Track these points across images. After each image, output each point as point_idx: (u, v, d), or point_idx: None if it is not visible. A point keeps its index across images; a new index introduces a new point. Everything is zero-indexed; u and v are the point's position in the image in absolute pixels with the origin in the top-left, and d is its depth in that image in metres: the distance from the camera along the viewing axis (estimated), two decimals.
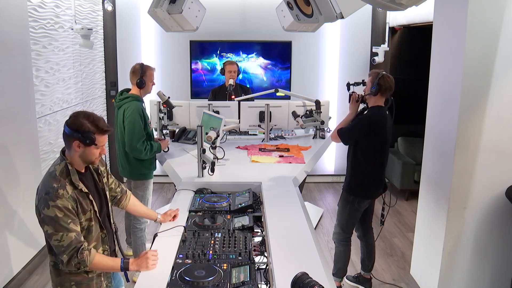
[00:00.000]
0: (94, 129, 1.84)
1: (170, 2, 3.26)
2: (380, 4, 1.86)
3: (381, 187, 3.12)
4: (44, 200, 1.77)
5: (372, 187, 3.09)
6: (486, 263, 3.00)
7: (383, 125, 2.95)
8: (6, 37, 3.15)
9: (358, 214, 3.15)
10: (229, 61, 4.47)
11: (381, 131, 2.96)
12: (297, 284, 1.42)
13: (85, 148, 1.85)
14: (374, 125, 2.95)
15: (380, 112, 2.97)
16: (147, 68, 3.27)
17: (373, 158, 3.02)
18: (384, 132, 2.96)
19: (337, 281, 3.30)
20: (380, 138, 2.98)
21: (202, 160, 2.90)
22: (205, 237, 2.11)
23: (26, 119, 3.48)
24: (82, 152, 1.86)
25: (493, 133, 2.77)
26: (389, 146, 3.10)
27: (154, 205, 4.89)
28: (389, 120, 3.01)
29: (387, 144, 3.05)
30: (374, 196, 3.16)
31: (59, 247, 1.78)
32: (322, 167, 5.86)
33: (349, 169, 3.12)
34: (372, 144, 3.00)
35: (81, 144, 1.84)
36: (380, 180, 3.11)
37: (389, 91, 2.95)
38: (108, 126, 1.89)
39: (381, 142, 2.99)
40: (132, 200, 2.30)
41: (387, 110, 3.01)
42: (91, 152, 1.87)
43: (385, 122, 2.96)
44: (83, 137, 1.82)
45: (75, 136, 1.82)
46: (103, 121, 1.89)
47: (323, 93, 5.61)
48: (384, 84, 2.90)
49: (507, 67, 2.69)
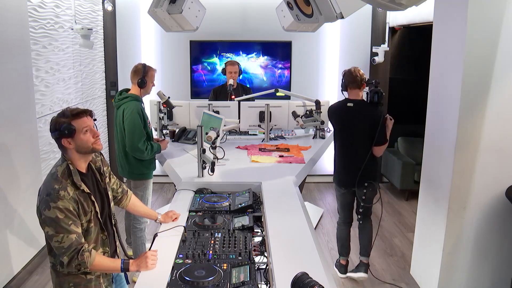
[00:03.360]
0: (68, 118, 1.85)
1: (170, 2, 3.26)
2: (380, 4, 1.85)
3: (349, 178, 3.27)
4: (45, 202, 1.77)
5: (339, 175, 3.40)
6: (486, 263, 3.00)
7: (335, 114, 3.33)
8: (6, 37, 3.15)
9: (338, 197, 3.46)
10: (230, 61, 4.46)
11: (334, 120, 3.37)
12: (297, 284, 1.41)
13: (73, 139, 1.85)
14: (329, 113, 3.41)
15: (338, 103, 3.35)
16: (149, 68, 3.28)
17: (335, 145, 3.42)
18: (338, 121, 3.32)
19: (339, 258, 3.57)
20: (335, 126, 3.39)
21: (202, 160, 2.90)
22: (205, 237, 2.11)
23: (26, 119, 3.48)
24: (75, 145, 1.86)
25: (493, 133, 2.77)
26: (355, 138, 3.23)
27: (154, 205, 4.89)
28: (354, 111, 3.20)
29: (345, 134, 3.29)
30: (341, 185, 3.38)
31: (59, 248, 1.78)
32: (322, 167, 5.86)
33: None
34: (334, 131, 3.44)
35: (67, 138, 1.84)
36: (343, 170, 3.34)
37: (356, 84, 3.20)
38: (79, 109, 1.90)
39: (337, 130, 3.37)
40: (132, 200, 2.30)
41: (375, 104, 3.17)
42: (81, 139, 1.86)
43: (338, 112, 3.31)
44: (63, 130, 1.83)
45: (58, 135, 1.84)
46: (74, 108, 1.90)
47: (323, 93, 5.61)
48: (347, 80, 3.24)
49: (507, 67, 2.69)
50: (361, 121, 3.19)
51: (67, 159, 1.88)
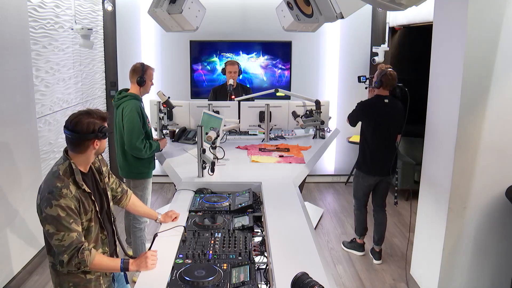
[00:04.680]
0: (101, 121, 1.90)
1: (170, 2, 3.26)
2: (380, 4, 1.85)
3: (382, 168, 3.62)
4: (47, 199, 1.77)
5: (371, 165, 3.66)
6: (486, 263, 3.00)
7: (374, 110, 3.60)
8: (6, 37, 3.15)
9: (363, 187, 3.77)
10: (230, 61, 4.46)
11: (372, 115, 3.61)
12: (297, 284, 1.41)
13: (100, 142, 1.91)
14: (366, 109, 3.64)
15: (375, 100, 3.60)
16: (148, 67, 3.29)
17: (370, 138, 3.63)
18: (375, 116, 3.58)
19: (357, 238, 3.96)
20: (373, 121, 3.61)
21: (202, 160, 2.90)
22: (205, 237, 2.11)
23: (26, 119, 3.48)
24: (98, 147, 1.92)
25: (493, 133, 2.77)
26: (391, 131, 3.59)
27: (154, 205, 4.89)
28: (390, 106, 3.56)
29: (383, 127, 3.58)
30: (376, 174, 3.68)
31: (60, 246, 1.77)
32: (322, 167, 5.86)
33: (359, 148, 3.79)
34: (367, 125, 3.66)
35: (100, 140, 1.90)
36: (379, 160, 3.62)
37: (390, 86, 3.54)
38: (103, 112, 1.96)
39: (375, 125, 3.60)
40: (132, 199, 2.30)
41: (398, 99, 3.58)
42: (104, 142, 1.96)
43: (376, 108, 3.58)
44: (100, 133, 1.88)
45: (92, 137, 1.86)
46: (99, 110, 1.96)
47: (323, 93, 5.61)
48: (385, 81, 3.53)
49: (507, 67, 2.69)
50: (394, 115, 3.57)
51: (71, 158, 1.88)
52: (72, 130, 1.84)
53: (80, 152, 1.88)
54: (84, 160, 1.91)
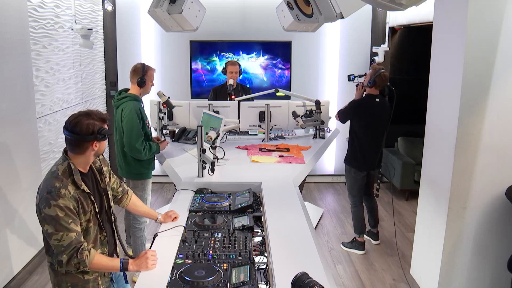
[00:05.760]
0: (101, 122, 1.90)
1: (170, 2, 3.26)
2: (380, 4, 1.85)
3: (371, 163, 3.83)
4: (46, 199, 1.77)
5: (363, 161, 3.84)
6: (486, 263, 2.99)
7: (366, 109, 3.75)
8: (6, 37, 3.15)
9: (358, 181, 3.90)
10: (231, 61, 4.46)
11: (364, 114, 3.75)
12: (297, 284, 1.41)
13: (100, 143, 1.91)
14: (358, 108, 3.79)
15: (368, 100, 3.77)
16: (149, 68, 3.28)
17: (361, 136, 3.79)
18: (367, 115, 3.73)
19: (357, 237, 4.00)
20: (365, 119, 3.75)
21: (202, 160, 2.90)
22: (205, 237, 2.11)
23: (26, 119, 3.48)
24: (98, 148, 1.92)
25: (493, 133, 2.77)
26: (379, 129, 3.76)
27: (154, 205, 4.89)
28: (380, 106, 3.74)
29: (374, 125, 3.74)
30: (366, 169, 3.88)
31: (58, 246, 1.77)
32: (322, 167, 5.86)
33: (348, 145, 3.95)
34: (359, 124, 3.80)
35: (99, 142, 1.90)
36: (369, 156, 3.80)
37: (382, 86, 3.72)
38: (103, 113, 1.95)
39: (366, 123, 3.75)
40: (133, 199, 2.30)
41: (386, 98, 3.80)
42: (104, 144, 1.96)
43: (369, 107, 3.74)
44: (99, 135, 1.87)
45: (91, 139, 1.86)
46: (98, 111, 1.95)
47: (323, 93, 5.61)
48: (378, 81, 3.68)
49: (507, 67, 2.68)
50: (384, 114, 3.74)
51: (70, 158, 1.88)
52: (72, 131, 1.84)
53: (79, 153, 1.88)
54: (83, 160, 1.91)
